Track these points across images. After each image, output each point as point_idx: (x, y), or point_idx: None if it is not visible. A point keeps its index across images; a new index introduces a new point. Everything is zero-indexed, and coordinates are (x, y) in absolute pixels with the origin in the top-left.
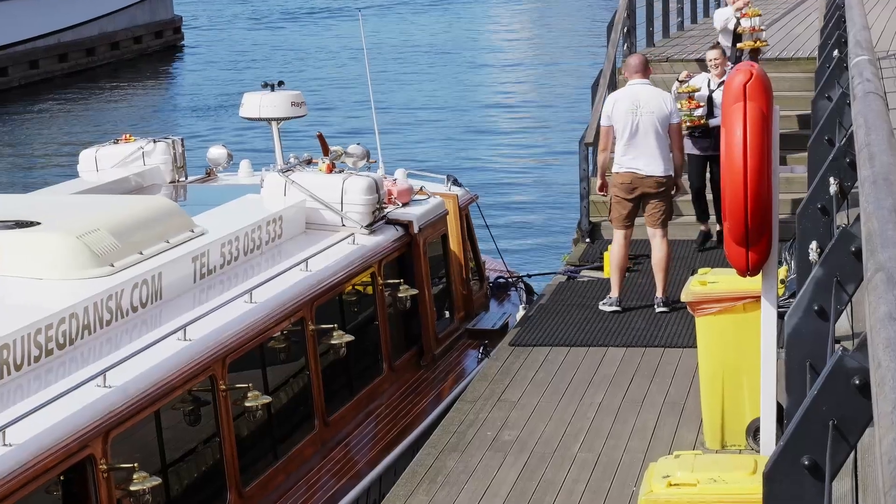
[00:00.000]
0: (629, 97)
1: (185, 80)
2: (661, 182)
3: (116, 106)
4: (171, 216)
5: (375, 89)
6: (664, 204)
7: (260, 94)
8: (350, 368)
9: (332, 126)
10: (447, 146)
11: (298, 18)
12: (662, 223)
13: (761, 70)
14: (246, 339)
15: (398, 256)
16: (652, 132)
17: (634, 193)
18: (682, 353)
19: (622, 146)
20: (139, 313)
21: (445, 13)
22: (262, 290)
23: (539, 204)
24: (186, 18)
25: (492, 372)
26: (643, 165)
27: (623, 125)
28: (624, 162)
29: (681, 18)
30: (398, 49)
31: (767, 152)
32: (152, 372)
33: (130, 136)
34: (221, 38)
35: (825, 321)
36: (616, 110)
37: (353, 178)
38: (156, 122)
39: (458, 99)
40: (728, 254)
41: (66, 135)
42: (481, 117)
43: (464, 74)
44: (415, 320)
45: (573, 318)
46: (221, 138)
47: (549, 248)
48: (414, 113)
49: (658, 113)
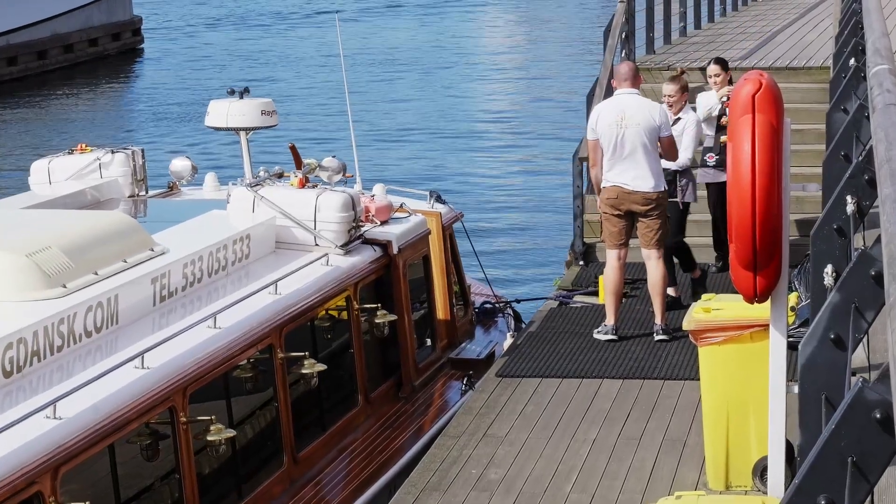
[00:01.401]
0: (614, 108)
1: (146, 85)
2: (649, 198)
3: (71, 113)
4: (129, 233)
5: (353, 98)
6: (657, 222)
7: (227, 101)
8: (322, 400)
9: (305, 137)
10: (430, 160)
11: (270, 21)
12: (657, 243)
13: (771, 80)
14: (209, 368)
15: (376, 279)
16: (639, 146)
17: (621, 209)
18: (684, 386)
19: (608, 160)
20: (93, 339)
21: (430, 18)
22: (228, 314)
23: (529, 223)
24: (147, 19)
25: (477, 405)
26: (629, 180)
27: (608, 138)
28: (610, 177)
29: (683, 24)
30: (378, 55)
31: (777, 169)
32: (107, 402)
33: (86, 146)
34: (185, 40)
35: (842, 351)
36: (601, 123)
37: (328, 194)
38: (114, 132)
39: (442, 109)
40: (734, 278)
41: (15, 144)
42: (467, 129)
43: (449, 82)
44: (393, 348)
45: (565, 347)
46: (185, 149)
47: (540, 272)
48: (394, 124)
49: (645, 125)
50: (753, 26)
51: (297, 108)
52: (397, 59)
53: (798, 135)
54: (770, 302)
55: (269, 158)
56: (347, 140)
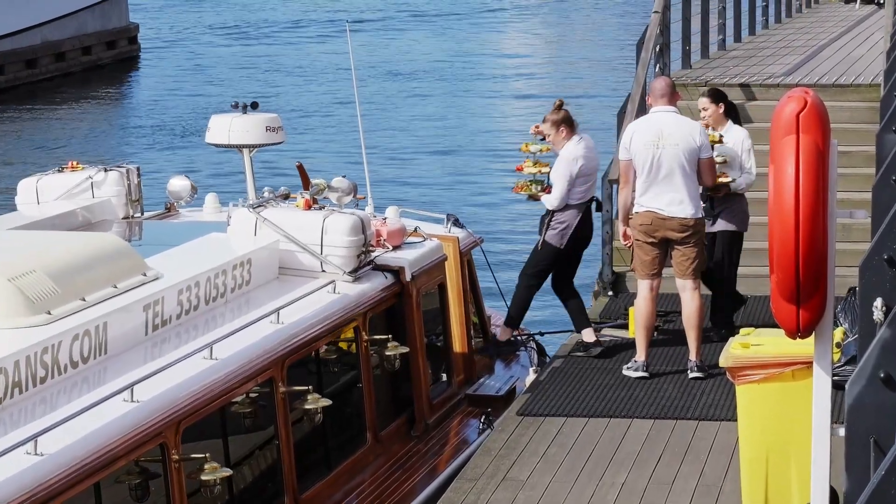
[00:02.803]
0: (651, 127)
1: (142, 97)
2: (686, 225)
3: (61, 128)
4: (119, 257)
5: (366, 114)
6: (694, 251)
7: (230, 116)
8: (327, 438)
9: (314, 155)
10: (448, 181)
11: (277, 30)
12: (693, 273)
13: (817, 98)
14: (204, 402)
15: (387, 308)
16: (677, 168)
17: (656, 237)
18: (720, 427)
19: (642, 183)
20: (79, 369)
21: (449, 29)
22: (225, 344)
23: None
24: (144, 26)
25: (496, 445)
26: (665, 205)
27: (643, 159)
28: (644, 201)
29: (722, 36)
30: (393, 68)
31: (823, 194)
32: (93, 438)
33: (77, 163)
34: (185, 49)
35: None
36: (635, 142)
37: (335, 216)
38: (107, 148)
39: (461, 126)
40: (775, 312)
41: (1, 161)
42: (488, 148)
43: (470, 98)
44: (405, 383)
45: (592, 383)
46: (184, 168)
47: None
48: (410, 142)
49: (684, 146)
50: (798, 40)
51: (306, 124)
52: (415, 73)
53: (845, 157)
54: (814, 337)
55: (275, 178)
56: (359, 159)
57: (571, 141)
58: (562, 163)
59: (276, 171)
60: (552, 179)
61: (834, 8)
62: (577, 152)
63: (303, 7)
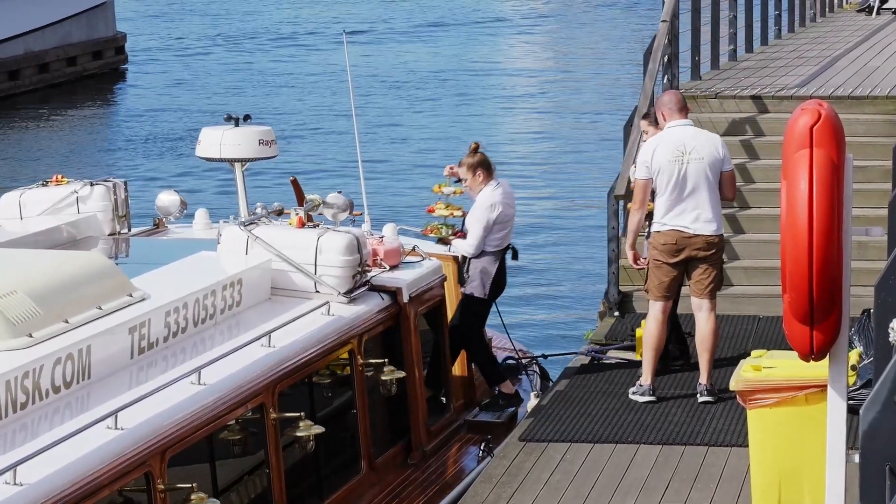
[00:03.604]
0: (672, 142)
1: (130, 109)
2: (711, 242)
3: (45, 141)
4: (104, 277)
5: (362, 127)
6: (715, 269)
7: (221, 129)
8: (320, 466)
9: (310, 170)
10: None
11: (270, 40)
12: (711, 293)
13: (831, 110)
14: (191, 429)
15: (383, 331)
16: (704, 182)
17: (680, 256)
18: (731, 453)
19: (665, 200)
20: (62, 395)
21: (449, 39)
22: (214, 369)
23: (558, 269)
24: (132, 36)
25: (497, 473)
26: (690, 222)
27: (667, 175)
28: (668, 220)
29: (733, 46)
30: (392, 80)
31: (838, 210)
32: (75, 467)
33: (62, 177)
34: (175, 60)
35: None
36: (657, 158)
37: (330, 235)
38: (93, 161)
39: (463, 140)
40: (788, 333)
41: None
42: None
43: (469, 110)
44: (402, 409)
45: (597, 408)
46: (174, 183)
47: (570, 323)
48: (409, 156)
49: (709, 159)
50: (812, 50)
51: (301, 138)
52: (415, 84)
53: (861, 172)
54: (828, 360)
55: (268, 194)
56: (356, 173)
57: (489, 186)
58: (479, 209)
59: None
60: (468, 225)
61: (850, 17)
62: (495, 198)
63: (297, 17)
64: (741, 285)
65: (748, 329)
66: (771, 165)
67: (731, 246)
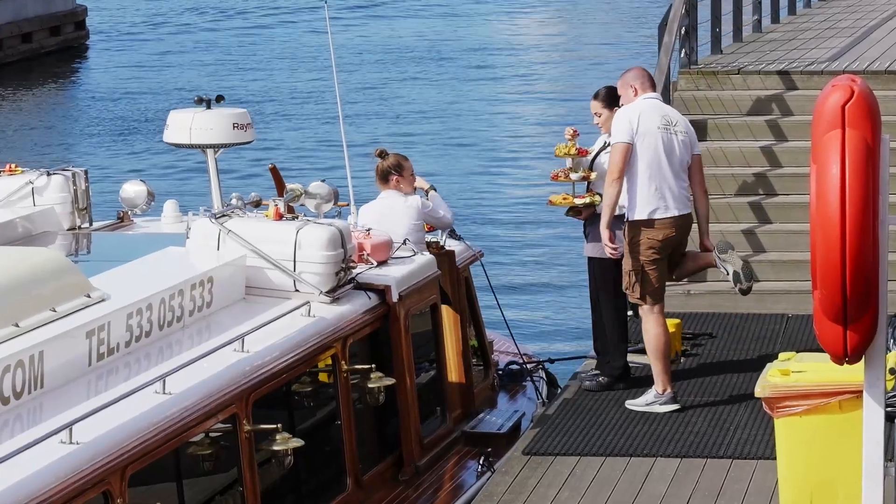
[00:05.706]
0: (657, 110)
1: (91, 91)
2: (690, 222)
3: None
4: (59, 276)
5: (347, 109)
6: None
7: (191, 112)
8: (300, 484)
9: (290, 156)
10: (443, 186)
11: (245, 14)
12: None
13: (865, 86)
14: (155, 444)
15: (370, 333)
16: (686, 160)
17: (669, 249)
18: (757, 467)
19: (650, 177)
20: (11, 406)
21: (445, 13)
22: (181, 376)
23: (564, 265)
24: (92, 10)
25: (499, 489)
26: (682, 204)
27: (653, 143)
28: (660, 203)
29: (757, 16)
30: (380, 56)
31: (873, 198)
32: (27, 485)
33: (16, 166)
34: (140, 36)
35: None
36: (644, 123)
37: (311, 228)
38: (51, 148)
39: (457, 124)
40: (819, 334)
41: None
42: (489, 150)
43: (466, 90)
44: (392, 420)
45: (609, 417)
46: (140, 172)
47: (578, 324)
48: (398, 141)
49: (690, 137)
50: (844, 20)
51: (281, 120)
52: (406, 61)
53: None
54: (864, 363)
55: (244, 183)
56: (341, 160)
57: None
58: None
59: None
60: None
61: None
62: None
63: None
64: (768, 280)
65: (775, 329)
66: (800, 148)
67: (757, 237)
